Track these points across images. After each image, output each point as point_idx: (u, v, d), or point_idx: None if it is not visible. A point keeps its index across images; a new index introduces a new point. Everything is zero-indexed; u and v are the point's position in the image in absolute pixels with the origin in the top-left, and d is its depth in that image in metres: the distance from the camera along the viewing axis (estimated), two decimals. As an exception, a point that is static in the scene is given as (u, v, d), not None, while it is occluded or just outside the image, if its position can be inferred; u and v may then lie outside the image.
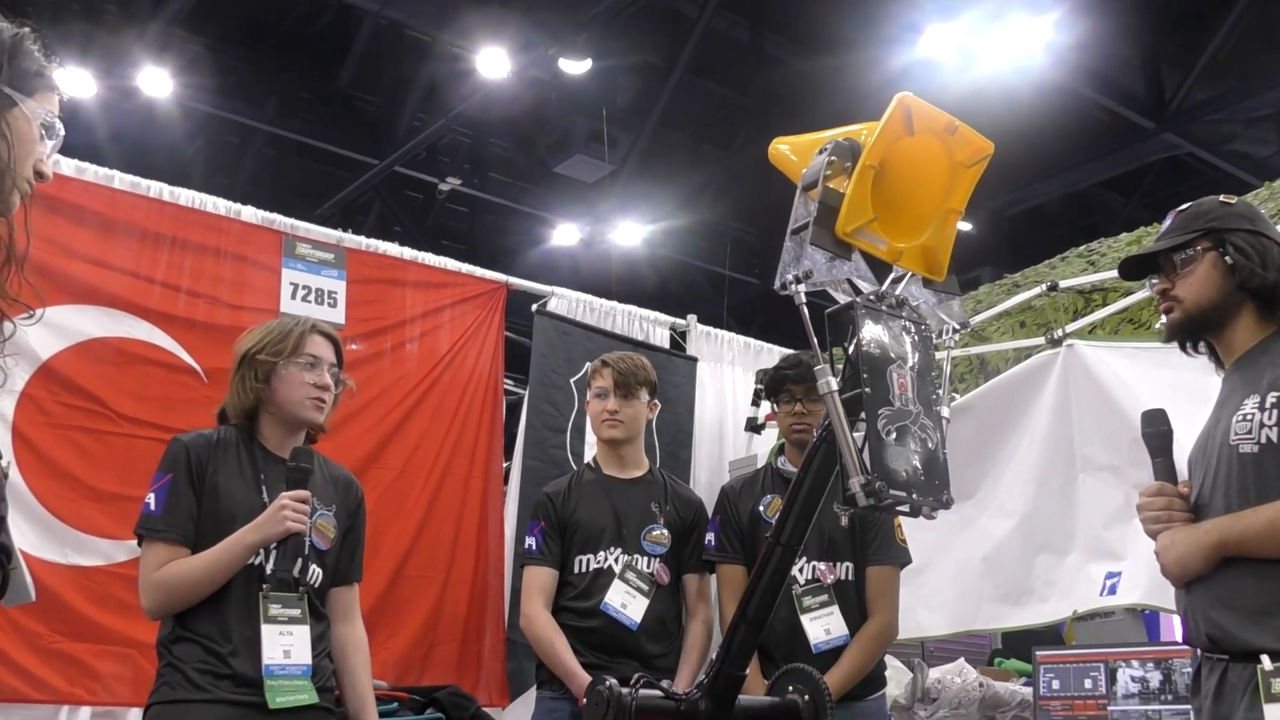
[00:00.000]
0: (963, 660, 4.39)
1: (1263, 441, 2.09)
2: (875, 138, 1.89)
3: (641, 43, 8.78)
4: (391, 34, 8.81)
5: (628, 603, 3.33)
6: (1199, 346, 2.36)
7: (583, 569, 3.38)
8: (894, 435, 1.80)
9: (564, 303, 4.46)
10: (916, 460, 1.81)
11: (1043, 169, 9.21)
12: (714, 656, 2.06)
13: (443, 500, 4.01)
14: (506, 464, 4.31)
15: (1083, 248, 5.38)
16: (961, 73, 7.85)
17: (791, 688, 2.14)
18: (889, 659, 3.75)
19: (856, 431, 1.79)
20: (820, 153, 1.92)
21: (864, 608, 3.33)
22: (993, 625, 4.38)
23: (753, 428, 4.51)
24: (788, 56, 9.06)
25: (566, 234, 10.57)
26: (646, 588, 3.36)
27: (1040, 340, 4.24)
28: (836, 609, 3.28)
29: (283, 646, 2.52)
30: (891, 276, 1.99)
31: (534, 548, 3.41)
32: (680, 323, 4.83)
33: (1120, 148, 9.13)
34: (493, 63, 8.21)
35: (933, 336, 1.98)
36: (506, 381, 4.38)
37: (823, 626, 3.27)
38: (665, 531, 3.44)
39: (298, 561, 2.58)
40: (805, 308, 1.84)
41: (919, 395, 1.87)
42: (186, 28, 8.19)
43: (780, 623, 3.20)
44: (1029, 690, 3.76)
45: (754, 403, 4.50)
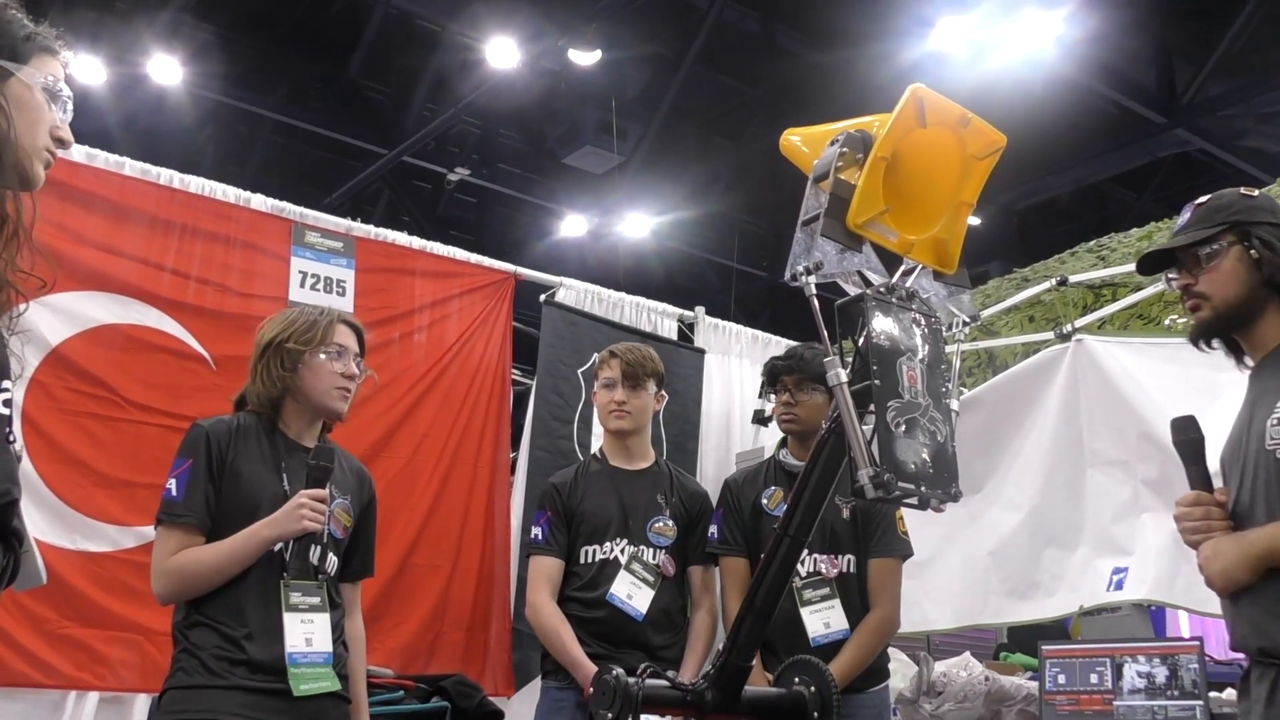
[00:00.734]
0: (968, 654, 4.38)
1: None
2: (887, 129, 1.89)
3: (651, 34, 8.76)
4: (401, 24, 8.81)
5: (633, 593, 3.33)
6: (1212, 342, 2.29)
7: (589, 559, 3.38)
8: (903, 428, 1.80)
9: (572, 293, 4.46)
10: (925, 453, 1.81)
11: (1053, 163, 9.16)
12: (719, 648, 2.06)
13: (450, 490, 4.01)
14: (513, 454, 4.32)
15: (1093, 243, 5.38)
16: (972, 66, 7.82)
17: (798, 679, 2.14)
18: (893, 652, 3.74)
19: (865, 424, 1.78)
20: (832, 144, 1.92)
21: (866, 600, 3.32)
22: (999, 619, 4.38)
23: (760, 420, 4.51)
24: (798, 49, 9.04)
25: (575, 225, 10.56)
26: (652, 579, 3.36)
27: (1049, 335, 4.24)
28: (837, 602, 3.26)
29: (304, 634, 2.53)
30: (902, 269, 1.99)
31: (540, 538, 3.41)
32: (688, 314, 4.83)
33: (1132, 143, 9.08)
34: (502, 53, 8.20)
35: (942, 329, 1.97)
36: (514, 372, 4.39)
37: (822, 620, 3.25)
38: (671, 523, 3.44)
39: (310, 557, 2.58)
40: (815, 299, 1.83)
41: (928, 388, 1.86)
42: (196, 15, 8.20)
43: (780, 615, 3.19)
44: (1035, 684, 3.76)
45: (761, 395, 4.49)
